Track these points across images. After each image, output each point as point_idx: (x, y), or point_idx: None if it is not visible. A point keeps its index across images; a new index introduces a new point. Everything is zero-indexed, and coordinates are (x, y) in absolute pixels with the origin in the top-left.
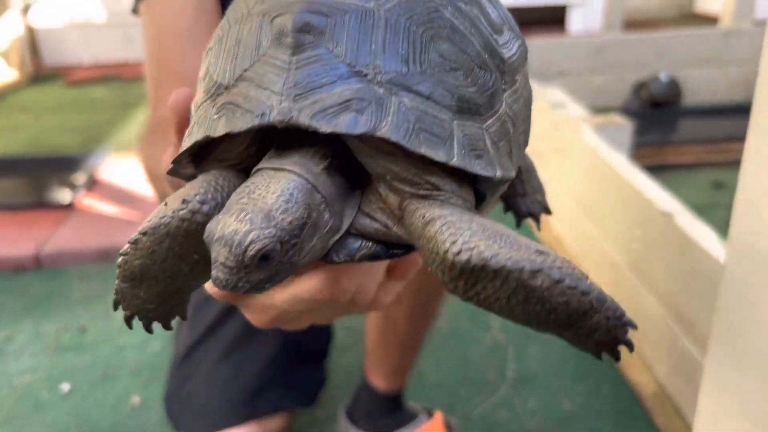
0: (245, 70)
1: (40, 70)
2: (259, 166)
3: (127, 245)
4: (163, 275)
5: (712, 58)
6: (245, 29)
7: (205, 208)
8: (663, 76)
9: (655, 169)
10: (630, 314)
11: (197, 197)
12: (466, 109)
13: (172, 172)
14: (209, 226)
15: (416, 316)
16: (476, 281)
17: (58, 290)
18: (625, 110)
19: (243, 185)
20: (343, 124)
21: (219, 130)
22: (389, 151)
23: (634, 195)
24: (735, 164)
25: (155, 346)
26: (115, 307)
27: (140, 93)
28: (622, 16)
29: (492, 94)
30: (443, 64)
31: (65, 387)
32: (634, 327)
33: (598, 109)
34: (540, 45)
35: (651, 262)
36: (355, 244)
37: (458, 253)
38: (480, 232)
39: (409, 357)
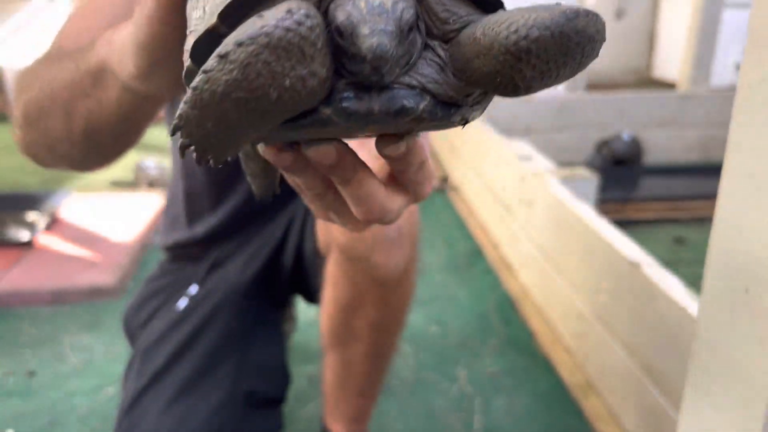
0: None
1: (4, 109)
2: None
3: (214, 59)
4: (247, 101)
5: (670, 120)
6: None
7: (309, 21)
8: (625, 136)
9: (618, 225)
10: (597, 366)
11: (301, 8)
12: None
13: (198, 49)
14: (347, 9)
15: (374, 354)
16: (539, 54)
17: (7, 332)
18: (588, 167)
19: None
20: None
21: None
22: None
23: (601, 245)
24: (695, 221)
25: (108, 391)
26: (173, 132)
27: None
28: (585, 78)
29: None
30: None
31: None
32: None
33: (562, 165)
34: (507, 101)
35: (618, 313)
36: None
37: (519, 31)
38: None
39: (368, 400)
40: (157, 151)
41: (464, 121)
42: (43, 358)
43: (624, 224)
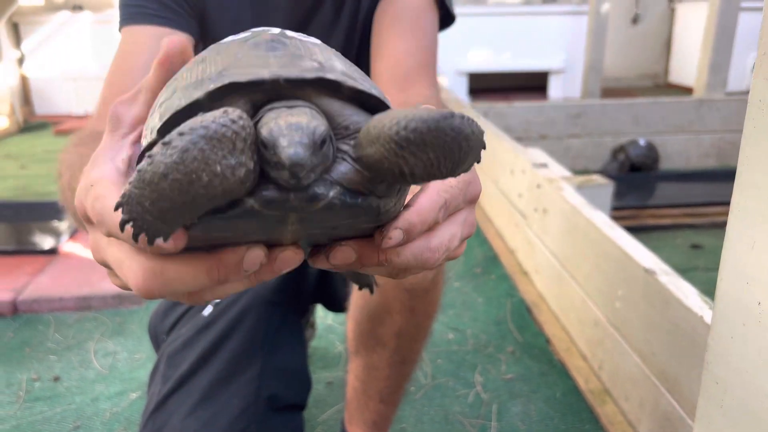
0: (230, 64)
1: (30, 120)
2: (270, 106)
3: (158, 146)
4: (182, 183)
5: (687, 125)
6: (223, 48)
7: (241, 121)
8: (641, 141)
9: (633, 231)
10: (612, 372)
11: (236, 111)
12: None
13: (160, 132)
14: (270, 126)
15: (398, 361)
16: (418, 144)
17: (33, 338)
18: (604, 173)
19: (268, 109)
20: (315, 73)
21: (213, 83)
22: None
23: (617, 253)
24: (712, 227)
25: (131, 396)
26: (116, 208)
27: None
28: (600, 84)
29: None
30: (345, 62)
31: None
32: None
33: (577, 172)
34: (521, 108)
35: (633, 320)
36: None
37: (399, 123)
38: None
39: (389, 406)
40: None
41: (378, 212)
42: (68, 363)
43: (640, 230)
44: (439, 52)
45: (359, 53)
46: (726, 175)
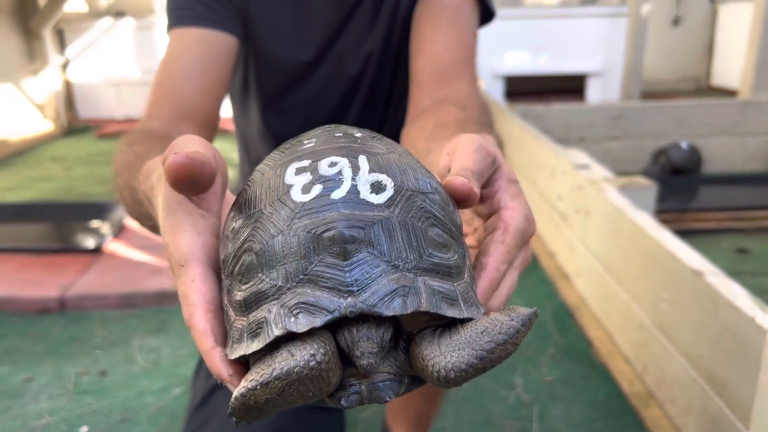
0: (305, 274)
1: (74, 123)
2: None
3: (256, 384)
4: (279, 406)
5: (731, 128)
6: (288, 240)
7: (327, 359)
8: (684, 144)
9: (677, 235)
10: (658, 375)
11: (321, 352)
12: (455, 273)
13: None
14: (345, 339)
15: None
16: (457, 382)
17: (80, 334)
18: (645, 177)
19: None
20: (398, 307)
21: (302, 326)
22: (423, 314)
23: (662, 254)
24: (759, 231)
25: (175, 392)
26: (229, 415)
27: None
28: (640, 87)
29: (464, 254)
30: (437, 243)
31: (83, 430)
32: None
33: (617, 176)
34: (560, 111)
35: (680, 322)
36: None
37: (440, 372)
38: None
39: (431, 405)
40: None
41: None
42: (114, 358)
43: (683, 234)
44: None
45: (398, 50)
46: None
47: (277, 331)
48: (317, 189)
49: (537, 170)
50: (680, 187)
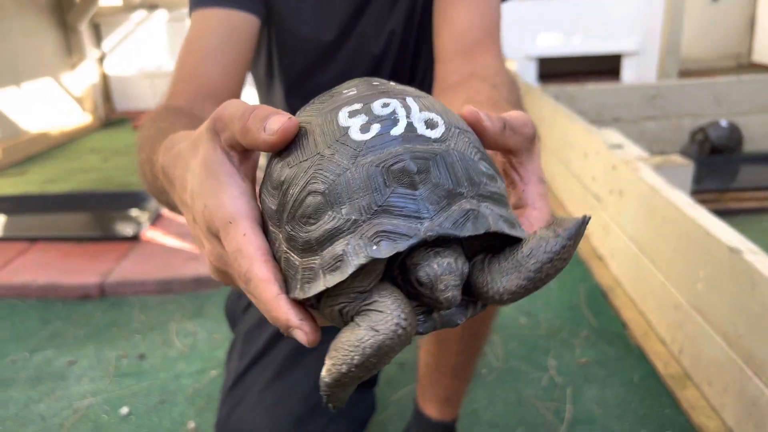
0: (378, 206)
1: (111, 115)
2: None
3: (349, 368)
4: (363, 377)
5: None
6: (357, 176)
7: (410, 328)
8: (723, 122)
9: (716, 214)
10: (694, 356)
11: (405, 320)
12: (505, 201)
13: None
14: (426, 270)
15: (469, 334)
16: (514, 299)
17: (120, 319)
18: (683, 156)
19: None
20: (470, 229)
21: (385, 252)
22: (483, 238)
23: (699, 233)
24: None
25: (211, 374)
26: (320, 398)
27: None
28: (678, 66)
29: (504, 187)
30: (488, 175)
31: (124, 410)
32: None
33: (655, 155)
34: (594, 91)
35: (717, 302)
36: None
37: (498, 292)
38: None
39: (461, 382)
40: None
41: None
42: (152, 342)
43: (723, 214)
44: (506, 37)
45: (421, 28)
46: None
47: (360, 260)
48: (376, 128)
49: (570, 151)
50: (720, 166)
